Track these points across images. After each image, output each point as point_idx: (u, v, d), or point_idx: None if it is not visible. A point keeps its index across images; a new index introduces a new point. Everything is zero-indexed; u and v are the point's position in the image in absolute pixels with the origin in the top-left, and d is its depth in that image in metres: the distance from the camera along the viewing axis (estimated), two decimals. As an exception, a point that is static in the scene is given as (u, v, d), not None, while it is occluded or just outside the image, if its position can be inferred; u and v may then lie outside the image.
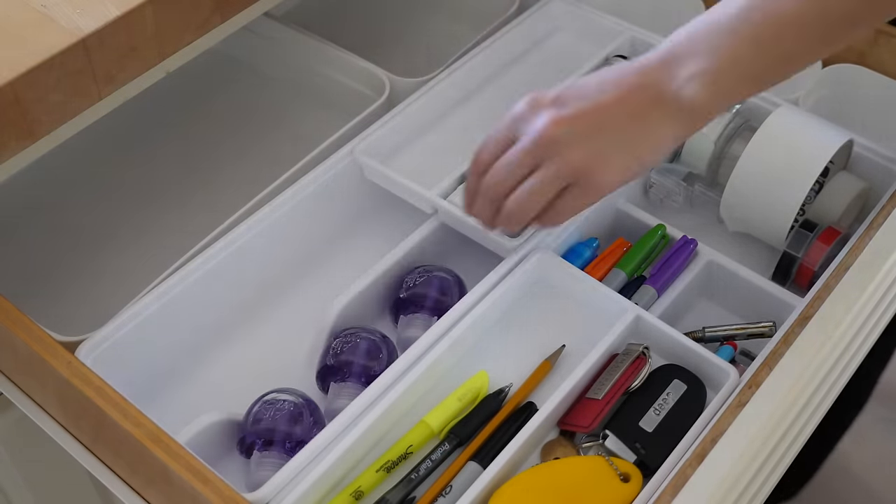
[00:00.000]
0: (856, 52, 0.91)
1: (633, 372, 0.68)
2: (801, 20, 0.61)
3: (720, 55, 0.62)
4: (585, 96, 0.64)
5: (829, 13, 0.61)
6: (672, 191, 0.82)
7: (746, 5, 0.62)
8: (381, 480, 0.65)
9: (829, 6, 0.61)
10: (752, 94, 0.65)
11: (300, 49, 0.93)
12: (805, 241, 0.76)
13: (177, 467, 0.60)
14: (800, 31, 0.62)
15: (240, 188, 0.81)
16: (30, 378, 0.70)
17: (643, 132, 0.63)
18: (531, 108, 0.65)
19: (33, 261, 0.84)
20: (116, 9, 0.68)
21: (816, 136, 0.77)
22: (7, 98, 0.64)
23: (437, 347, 0.68)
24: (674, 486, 0.60)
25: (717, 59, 0.62)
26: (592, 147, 0.63)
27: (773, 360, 0.66)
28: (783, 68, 0.64)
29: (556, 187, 0.64)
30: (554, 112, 0.64)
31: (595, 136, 0.63)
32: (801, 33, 0.62)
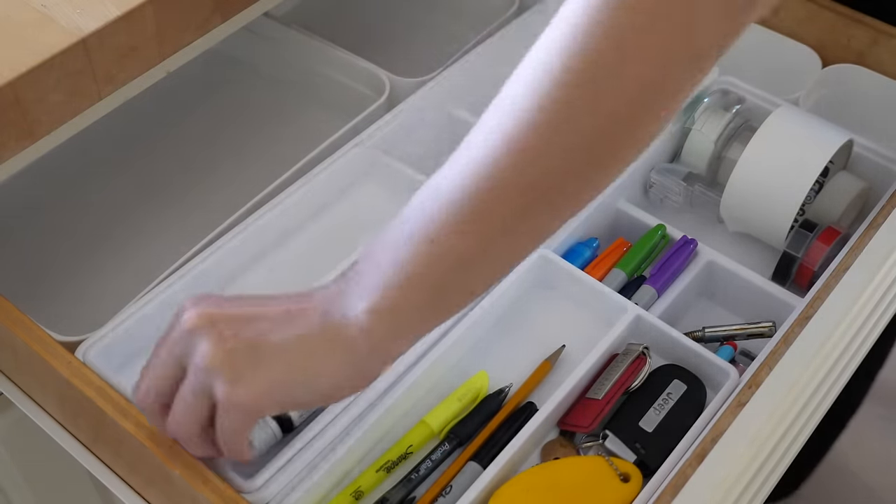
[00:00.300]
0: (856, 52, 0.92)
1: (633, 372, 0.68)
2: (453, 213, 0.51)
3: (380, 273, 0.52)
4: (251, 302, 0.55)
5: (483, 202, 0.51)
6: (672, 191, 0.82)
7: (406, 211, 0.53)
8: (381, 480, 0.65)
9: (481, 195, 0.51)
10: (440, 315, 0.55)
11: (300, 49, 0.93)
12: (805, 241, 0.76)
13: (177, 467, 0.60)
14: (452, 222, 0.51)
15: (240, 188, 0.81)
16: (30, 378, 0.70)
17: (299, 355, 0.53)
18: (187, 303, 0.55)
19: (33, 261, 0.84)
20: (116, 9, 0.68)
21: (816, 136, 0.77)
22: (7, 98, 0.64)
23: (437, 347, 0.68)
24: (674, 486, 0.60)
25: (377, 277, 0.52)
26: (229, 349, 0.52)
27: (773, 360, 0.66)
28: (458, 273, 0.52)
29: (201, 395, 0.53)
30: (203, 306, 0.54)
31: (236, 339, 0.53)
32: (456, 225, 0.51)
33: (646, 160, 0.82)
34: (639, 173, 0.82)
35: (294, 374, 0.53)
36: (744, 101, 0.84)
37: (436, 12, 1.07)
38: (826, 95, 0.91)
